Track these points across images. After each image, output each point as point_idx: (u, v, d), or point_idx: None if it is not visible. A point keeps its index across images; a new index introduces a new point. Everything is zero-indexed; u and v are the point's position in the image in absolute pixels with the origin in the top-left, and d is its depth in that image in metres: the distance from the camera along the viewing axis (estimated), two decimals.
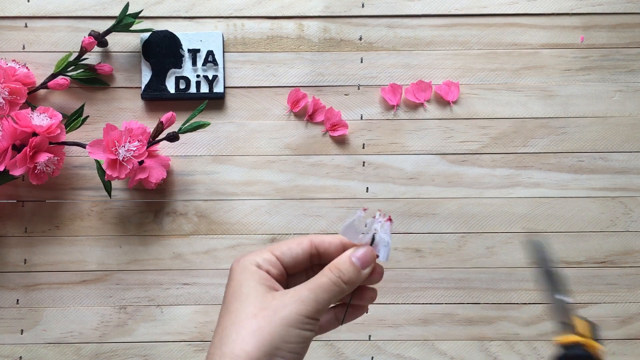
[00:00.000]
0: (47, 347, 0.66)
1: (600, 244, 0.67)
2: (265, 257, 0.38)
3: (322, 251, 0.39)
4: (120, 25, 0.63)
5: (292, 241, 0.39)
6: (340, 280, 0.37)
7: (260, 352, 0.33)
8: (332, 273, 0.37)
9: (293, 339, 0.34)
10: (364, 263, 0.38)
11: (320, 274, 0.37)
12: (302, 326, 0.35)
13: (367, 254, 0.38)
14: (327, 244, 0.39)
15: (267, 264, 0.38)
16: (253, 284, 0.36)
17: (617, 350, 0.67)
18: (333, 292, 0.36)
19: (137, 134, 0.59)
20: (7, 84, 0.59)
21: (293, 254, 0.39)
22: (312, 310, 0.35)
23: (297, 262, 0.39)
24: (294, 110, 0.67)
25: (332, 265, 0.37)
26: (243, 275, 0.37)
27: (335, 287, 0.36)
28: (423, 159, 0.67)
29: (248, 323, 0.34)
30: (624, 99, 0.67)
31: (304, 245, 0.39)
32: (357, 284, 0.38)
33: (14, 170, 0.59)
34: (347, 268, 0.37)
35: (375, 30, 0.67)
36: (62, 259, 0.66)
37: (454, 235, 0.67)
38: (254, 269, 0.37)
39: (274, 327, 0.34)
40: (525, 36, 0.67)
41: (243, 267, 0.37)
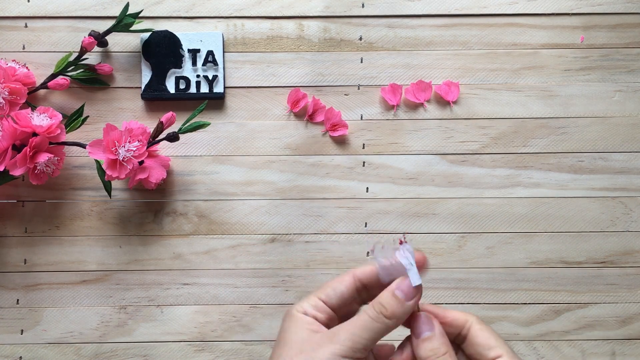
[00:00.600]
0: (47, 347, 0.66)
1: (600, 244, 0.67)
2: (311, 303, 0.38)
3: (367, 283, 0.39)
4: (120, 25, 0.63)
5: (335, 280, 0.39)
6: (381, 316, 0.36)
7: None
8: (374, 309, 0.36)
9: None
10: (408, 295, 0.36)
11: (360, 312, 0.37)
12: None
13: (410, 286, 0.37)
14: (368, 273, 0.39)
15: (314, 309, 0.38)
16: (295, 330, 0.36)
17: (617, 350, 0.67)
18: (373, 329, 0.35)
19: (137, 134, 0.59)
20: (7, 84, 0.59)
21: (337, 293, 0.38)
22: (348, 349, 0.34)
23: (344, 300, 0.39)
24: (294, 110, 0.67)
25: (374, 300, 0.37)
26: (289, 323, 0.37)
27: (375, 323, 0.35)
28: (423, 159, 0.67)
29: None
30: (624, 99, 0.67)
31: (347, 282, 0.39)
32: (402, 317, 0.36)
33: (14, 170, 0.59)
34: (389, 302, 0.36)
35: (375, 30, 0.67)
36: (62, 259, 0.66)
37: (453, 235, 0.67)
38: (300, 316, 0.37)
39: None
40: (525, 36, 0.67)
41: (290, 316, 0.38)
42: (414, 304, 0.37)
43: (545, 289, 0.67)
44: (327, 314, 0.38)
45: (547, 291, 0.67)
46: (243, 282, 0.67)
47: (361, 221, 0.67)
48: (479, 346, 0.36)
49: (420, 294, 0.37)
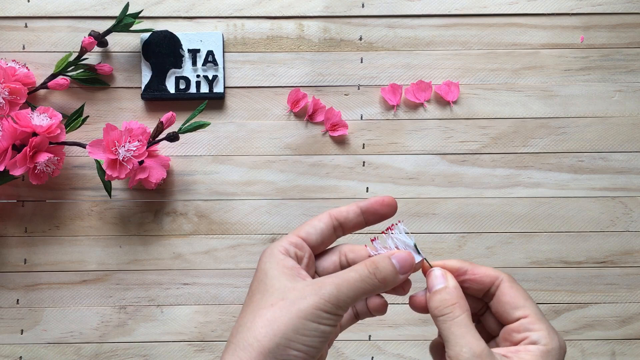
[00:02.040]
0: (47, 347, 0.66)
1: (600, 244, 0.67)
2: (292, 240, 0.37)
3: (342, 221, 0.39)
4: (120, 25, 0.63)
5: (313, 219, 0.39)
6: (373, 277, 0.35)
7: (273, 343, 0.32)
8: (367, 268, 0.35)
9: (309, 332, 0.33)
10: (403, 267, 0.36)
11: (351, 268, 0.35)
12: (319, 320, 0.33)
13: (408, 258, 0.36)
14: (345, 213, 0.39)
15: (294, 247, 0.37)
16: (277, 274, 0.35)
17: (617, 350, 0.67)
18: (361, 288, 0.34)
19: (137, 134, 0.59)
20: (7, 84, 0.59)
21: (317, 230, 0.38)
22: (332, 305, 0.33)
23: (324, 237, 0.38)
24: (294, 110, 0.67)
25: (369, 259, 0.36)
26: (269, 264, 0.36)
27: (364, 283, 0.34)
28: (423, 159, 0.67)
29: (264, 312, 0.34)
30: (624, 99, 0.67)
31: (325, 220, 0.38)
32: (390, 285, 0.36)
33: (14, 170, 0.59)
34: (385, 266, 0.35)
35: (375, 30, 0.67)
36: (62, 259, 0.66)
37: (454, 235, 0.67)
38: (280, 257, 0.36)
39: (289, 319, 0.33)
40: (525, 36, 0.67)
41: (270, 255, 0.37)
42: (404, 278, 0.36)
43: (545, 289, 0.67)
44: (307, 252, 0.38)
45: (547, 291, 0.67)
46: (243, 282, 0.66)
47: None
48: (506, 304, 0.35)
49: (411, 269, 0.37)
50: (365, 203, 0.39)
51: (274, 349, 0.32)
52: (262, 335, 0.33)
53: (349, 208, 0.39)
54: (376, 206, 0.39)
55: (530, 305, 0.35)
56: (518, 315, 0.35)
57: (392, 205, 0.39)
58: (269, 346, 0.32)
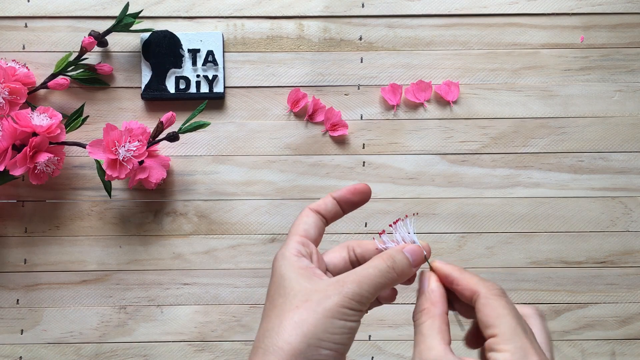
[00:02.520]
0: (47, 347, 0.66)
1: (600, 244, 0.67)
2: (298, 240, 0.38)
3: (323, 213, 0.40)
4: (120, 25, 0.63)
5: (300, 217, 0.39)
6: (392, 271, 0.36)
7: (304, 344, 0.33)
8: (385, 262, 0.36)
9: (337, 330, 0.33)
10: (415, 260, 0.37)
11: (368, 263, 0.36)
12: (346, 317, 0.34)
13: (418, 251, 0.37)
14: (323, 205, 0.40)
15: (302, 246, 0.38)
16: (294, 276, 0.36)
17: (617, 350, 0.67)
18: (381, 283, 0.35)
19: (137, 134, 0.59)
20: (7, 84, 0.59)
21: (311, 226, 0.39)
22: (356, 302, 0.34)
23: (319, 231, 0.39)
24: (294, 110, 0.67)
25: (385, 253, 0.36)
26: (284, 267, 0.37)
27: (384, 278, 0.35)
28: (423, 159, 0.67)
29: (291, 315, 0.34)
30: (624, 99, 0.67)
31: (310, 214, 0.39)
32: (405, 278, 0.37)
33: (14, 170, 0.59)
34: (401, 259, 0.36)
35: (375, 30, 0.67)
36: (62, 259, 0.66)
37: (454, 235, 0.67)
38: (294, 259, 0.37)
39: (317, 319, 0.33)
40: (525, 36, 0.67)
41: (283, 258, 0.37)
42: (416, 270, 0.37)
43: (545, 289, 0.67)
44: (313, 249, 0.38)
45: (547, 291, 0.67)
46: (243, 282, 0.66)
47: (361, 221, 0.67)
48: (480, 321, 0.35)
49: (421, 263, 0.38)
50: (339, 193, 0.40)
51: (305, 350, 0.33)
52: (293, 338, 0.33)
53: (325, 200, 0.40)
54: (348, 195, 0.40)
55: (503, 323, 0.34)
56: (488, 334, 0.34)
57: (364, 192, 0.40)
58: (300, 348, 0.33)
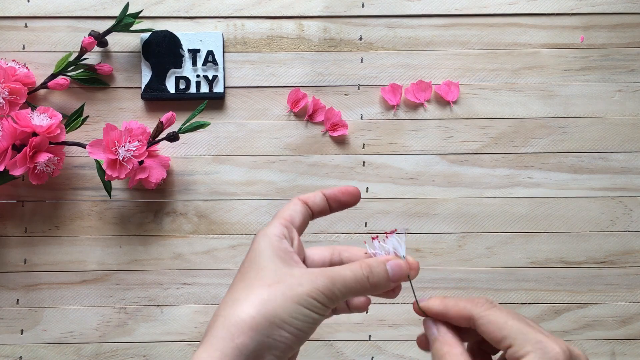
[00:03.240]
0: (47, 347, 0.66)
1: (600, 244, 0.67)
2: (282, 223, 0.38)
3: (311, 205, 0.40)
4: (120, 25, 0.63)
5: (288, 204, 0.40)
6: (366, 280, 0.36)
7: (266, 321, 0.33)
8: (362, 269, 0.36)
9: (301, 317, 0.34)
10: (395, 275, 0.37)
11: (347, 265, 0.36)
12: (312, 308, 0.34)
13: (402, 267, 0.37)
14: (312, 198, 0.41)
15: (286, 229, 0.38)
16: (271, 255, 0.36)
17: (617, 350, 0.67)
18: (354, 288, 0.36)
19: (137, 134, 0.59)
20: (7, 84, 0.59)
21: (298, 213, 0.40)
22: (325, 297, 0.35)
23: (304, 220, 0.40)
24: (294, 110, 0.67)
25: (364, 262, 0.37)
26: (263, 244, 0.37)
27: (357, 284, 0.36)
28: (423, 159, 0.67)
29: (260, 291, 0.34)
30: (624, 99, 0.67)
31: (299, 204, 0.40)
32: (379, 290, 0.37)
33: (14, 170, 0.59)
34: (379, 272, 0.36)
35: (375, 30, 0.67)
36: (62, 259, 0.66)
37: (453, 235, 0.67)
38: (275, 239, 0.37)
39: (284, 301, 0.34)
40: (525, 36, 0.67)
41: (264, 236, 0.37)
42: (395, 285, 0.37)
43: (545, 289, 0.67)
44: (295, 235, 0.39)
45: (547, 291, 0.67)
46: None
47: (361, 221, 0.67)
48: (490, 340, 0.35)
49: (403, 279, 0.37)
50: (329, 190, 0.41)
51: (266, 327, 0.33)
52: (256, 312, 0.34)
53: (315, 194, 0.41)
54: (339, 194, 0.41)
55: (510, 330, 0.34)
56: (504, 347, 0.34)
57: (354, 195, 0.41)
58: (261, 323, 0.33)
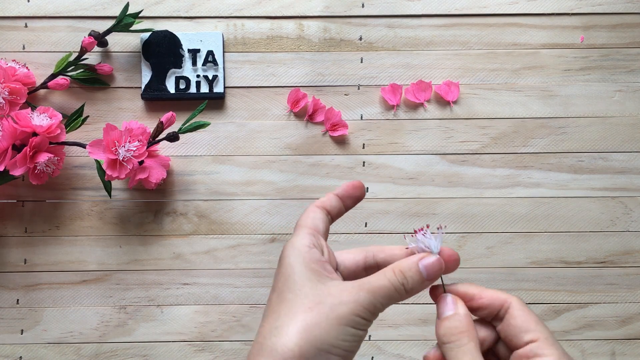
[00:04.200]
0: (47, 347, 0.66)
1: (600, 244, 0.67)
2: (309, 232, 0.37)
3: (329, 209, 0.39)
4: (120, 25, 0.63)
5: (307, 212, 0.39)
6: (402, 288, 0.35)
7: (314, 348, 0.32)
8: (396, 277, 0.35)
9: (348, 337, 0.33)
10: (430, 274, 0.36)
11: (382, 273, 0.35)
12: (357, 326, 0.34)
13: (436, 265, 0.36)
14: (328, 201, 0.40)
15: (314, 238, 0.37)
16: (304, 270, 0.35)
17: (617, 350, 0.67)
18: (392, 297, 0.35)
19: (137, 134, 0.59)
20: (7, 84, 0.59)
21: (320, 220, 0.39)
22: (368, 312, 0.34)
23: (327, 226, 0.39)
24: (294, 110, 0.67)
25: (397, 267, 0.35)
26: (294, 257, 0.36)
27: (396, 292, 0.35)
28: (423, 159, 0.67)
29: (302, 317, 0.33)
30: (624, 99, 0.67)
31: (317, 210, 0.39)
32: (418, 292, 0.36)
33: (14, 170, 0.59)
34: (413, 276, 0.35)
35: (375, 30, 0.67)
36: (62, 259, 0.66)
37: (454, 235, 0.67)
38: (305, 249, 0.36)
39: (330, 324, 0.33)
40: (525, 36, 0.67)
41: (293, 248, 0.36)
42: (430, 284, 0.36)
43: (545, 289, 0.67)
44: (324, 243, 0.38)
45: (547, 291, 0.67)
46: (243, 282, 0.66)
47: (361, 221, 0.67)
48: (515, 328, 0.35)
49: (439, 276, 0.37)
50: (340, 189, 0.41)
51: (315, 355, 0.33)
52: (303, 342, 0.33)
53: (328, 196, 0.40)
54: (350, 190, 0.41)
55: (541, 329, 0.35)
56: (527, 340, 0.34)
57: (361, 188, 0.41)
58: (310, 351, 0.32)
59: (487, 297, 0.36)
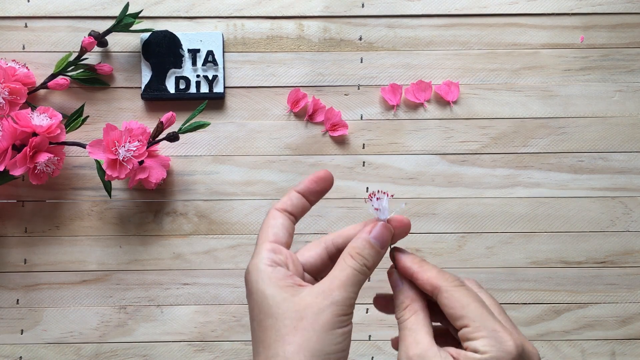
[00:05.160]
0: (47, 347, 0.66)
1: (600, 244, 0.67)
2: (268, 248, 0.37)
3: (291, 210, 0.39)
4: (120, 25, 0.63)
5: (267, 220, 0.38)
6: (364, 268, 0.36)
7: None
8: (356, 261, 0.36)
9: (339, 338, 0.34)
10: (383, 242, 0.37)
11: (342, 264, 0.36)
12: (342, 324, 0.34)
13: (385, 232, 0.37)
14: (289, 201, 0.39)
15: (274, 254, 0.36)
16: (275, 291, 0.35)
17: (617, 350, 0.67)
18: (360, 281, 0.35)
19: (137, 134, 0.59)
20: (7, 84, 0.59)
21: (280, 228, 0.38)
22: (347, 307, 0.34)
23: (289, 231, 0.38)
24: (294, 110, 0.67)
25: (352, 250, 0.36)
26: (261, 282, 0.35)
27: (360, 275, 0.35)
28: (423, 159, 0.67)
29: (291, 338, 0.33)
30: (624, 99, 0.67)
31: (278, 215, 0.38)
32: (378, 264, 0.37)
33: (14, 170, 0.59)
34: (369, 252, 0.36)
35: (375, 30, 0.67)
36: (62, 259, 0.66)
37: (454, 235, 0.67)
38: (268, 270, 0.36)
39: (319, 335, 0.33)
40: (525, 36, 0.67)
41: (257, 272, 0.36)
42: (386, 250, 0.37)
43: (545, 289, 0.67)
44: (286, 254, 0.37)
45: (547, 291, 0.67)
46: (243, 282, 0.66)
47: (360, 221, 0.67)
48: (448, 315, 0.35)
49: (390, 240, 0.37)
50: (301, 185, 0.39)
51: None
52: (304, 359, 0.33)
53: (289, 195, 0.39)
54: (311, 185, 0.39)
55: (470, 311, 0.34)
56: (459, 325, 0.35)
57: (326, 179, 0.40)
58: None
59: (420, 280, 0.37)
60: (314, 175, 0.39)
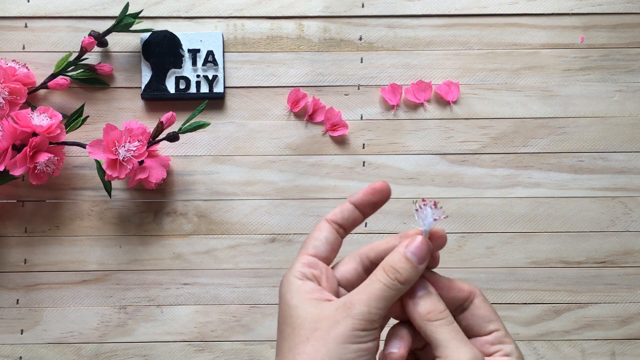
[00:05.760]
0: (47, 347, 0.66)
1: (600, 244, 0.67)
2: (304, 261, 0.36)
3: (341, 222, 0.38)
4: (120, 25, 0.63)
5: (313, 232, 0.38)
6: (397, 283, 0.34)
7: None
8: (387, 275, 0.34)
9: (352, 354, 0.33)
10: (421, 258, 0.35)
11: (372, 277, 0.34)
12: (359, 340, 0.33)
13: (423, 246, 0.35)
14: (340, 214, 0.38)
15: (308, 267, 0.36)
16: (299, 303, 0.34)
17: (617, 350, 0.67)
18: (389, 297, 0.34)
19: (137, 134, 0.59)
20: (7, 84, 0.59)
21: (323, 241, 0.37)
22: (366, 322, 0.33)
23: (332, 245, 0.37)
24: (294, 110, 0.67)
25: (386, 265, 0.34)
26: (289, 293, 0.35)
27: (390, 290, 0.34)
28: (423, 159, 0.67)
29: (302, 348, 0.33)
30: (624, 99, 0.67)
31: (325, 227, 0.37)
32: (414, 281, 0.35)
33: (14, 170, 0.59)
34: (404, 266, 0.34)
35: (375, 30, 0.67)
36: (62, 259, 0.66)
37: (454, 235, 0.67)
38: (298, 283, 0.35)
39: (329, 348, 0.32)
40: (525, 36, 0.67)
41: (287, 284, 0.35)
42: (425, 266, 0.35)
43: (545, 289, 0.67)
44: (322, 268, 0.36)
45: (547, 291, 0.67)
46: (243, 282, 0.66)
47: None
48: (480, 318, 0.36)
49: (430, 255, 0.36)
50: (356, 197, 0.38)
51: None
52: None
53: (342, 207, 0.38)
54: (367, 196, 0.38)
55: (500, 320, 0.37)
56: (491, 329, 0.36)
57: (383, 190, 0.38)
58: None
59: (456, 287, 0.37)
60: (370, 187, 0.38)
